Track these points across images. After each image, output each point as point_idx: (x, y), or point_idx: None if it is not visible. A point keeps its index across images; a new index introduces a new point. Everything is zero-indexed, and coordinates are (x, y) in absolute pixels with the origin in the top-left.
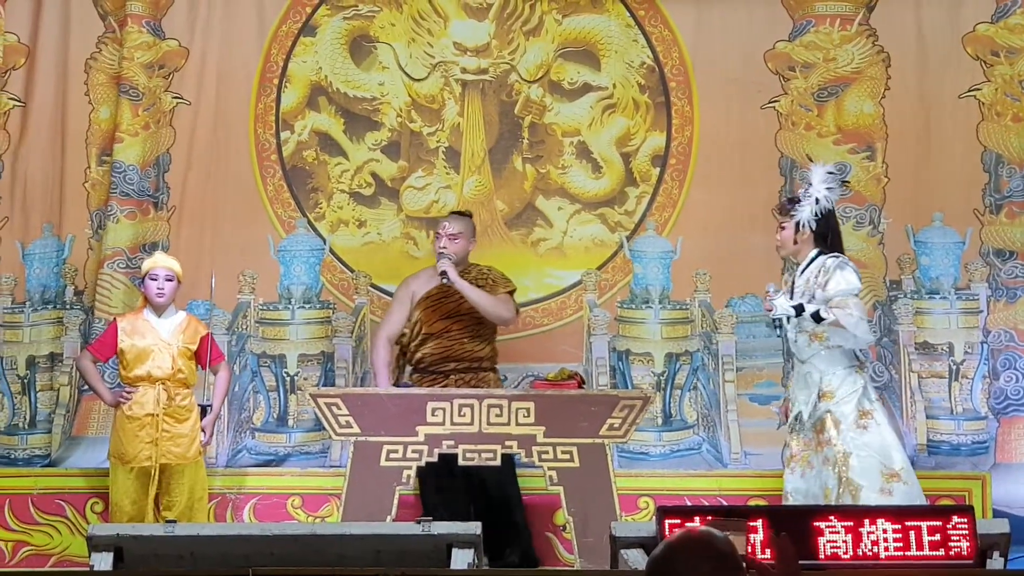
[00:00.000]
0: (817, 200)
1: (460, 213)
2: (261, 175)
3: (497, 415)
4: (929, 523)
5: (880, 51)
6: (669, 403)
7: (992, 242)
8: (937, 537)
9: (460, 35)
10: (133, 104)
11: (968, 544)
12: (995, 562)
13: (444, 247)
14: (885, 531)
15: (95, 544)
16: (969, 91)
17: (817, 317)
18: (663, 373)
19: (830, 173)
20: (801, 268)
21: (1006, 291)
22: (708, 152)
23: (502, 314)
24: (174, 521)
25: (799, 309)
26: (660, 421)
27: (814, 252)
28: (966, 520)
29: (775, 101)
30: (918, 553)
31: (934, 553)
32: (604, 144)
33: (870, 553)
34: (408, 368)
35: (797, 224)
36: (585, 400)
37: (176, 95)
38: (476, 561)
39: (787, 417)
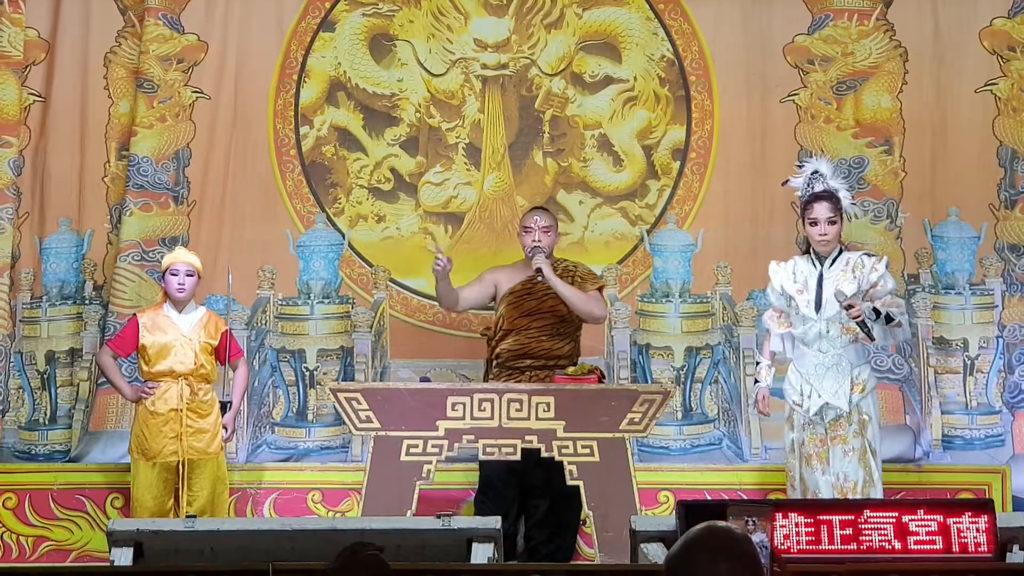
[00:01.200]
0: (850, 194)
1: (541, 208)
2: (280, 170)
3: (517, 410)
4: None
5: (897, 45)
6: (689, 397)
7: (1007, 237)
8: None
9: (480, 32)
10: (148, 96)
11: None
12: (1015, 556)
13: (539, 241)
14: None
15: (115, 539)
16: (985, 86)
17: (888, 318)
18: (683, 367)
19: (836, 167)
20: (829, 262)
21: (1020, 286)
22: (728, 145)
23: (594, 311)
24: (194, 516)
25: (877, 312)
26: (680, 415)
27: (839, 247)
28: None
29: (794, 95)
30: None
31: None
32: (625, 137)
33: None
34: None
35: (843, 217)
36: (605, 394)
37: (196, 89)
38: (496, 555)
39: (763, 404)
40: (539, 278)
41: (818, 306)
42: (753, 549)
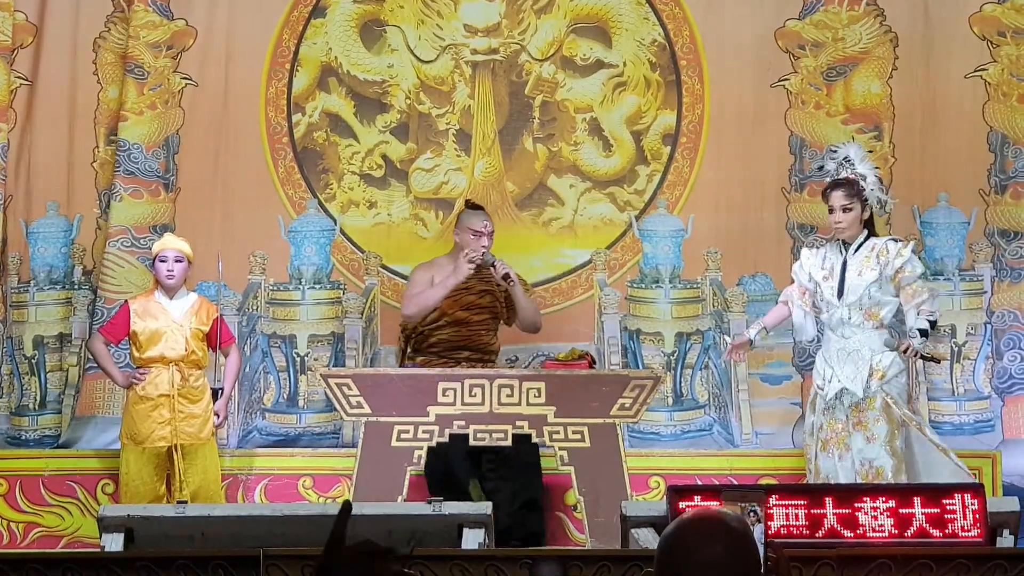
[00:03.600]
0: (880, 179)
1: (483, 210)
2: (272, 157)
3: (508, 395)
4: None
5: (888, 31)
6: (680, 383)
7: (997, 222)
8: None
9: (470, 17)
10: (138, 83)
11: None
12: (1005, 540)
13: (487, 247)
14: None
15: (106, 525)
16: (975, 71)
17: (933, 324)
18: (673, 353)
19: (870, 151)
20: (854, 249)
21: (1010, 271)
22: (719, 130)
23: (537, 320)
24: (185, 502)
25: (923, 333)
26: (671, 401)
27: (865, 232)
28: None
29: (785, 79)
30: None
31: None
32: (615, 122)
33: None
34: (413, 351)
35: (864, 204)
36: (596, 380)
37: (185, 76)
38: (487, 541)
39: (738, 344)
40: (509, 284)
41: (840, 292)
42: (748, 531)
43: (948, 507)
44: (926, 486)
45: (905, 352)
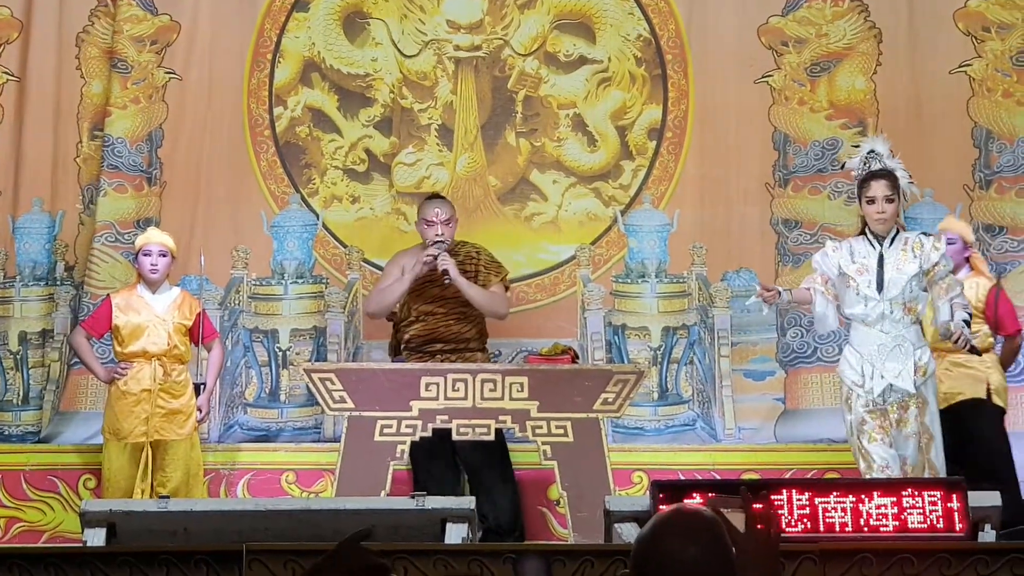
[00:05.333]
0: (908, 173)
1: (440, 196)
2: (254, 151)
3: (491, 390)
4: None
5: (872, 27)
6: (665, 377)
7: (982, 217)
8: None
9: (453, 13)
10: (122, 77)
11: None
12: (987, 535)
13: (441, 234)
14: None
15: (88, 520)
16: (960, 67)
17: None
18: (660, 347)
19: (855, 146)
20: (888, 242)
21: (996, 266)
22: (703, 125)
23: (497, 310)
24: (167, 497)
25: (967, 323)
26: (656, 396)
27: (895, 226)
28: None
29: (769, 75)
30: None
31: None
32: (599, 117)
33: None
34: (402, 348)
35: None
36: (579, 375)
37: (169, 70)
38: (470, 535)
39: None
40: (446, 279)
41: (880, 286)
42: (723, 532)
43: (931, 501)
44: (909, 480)
45: (956, 341)
